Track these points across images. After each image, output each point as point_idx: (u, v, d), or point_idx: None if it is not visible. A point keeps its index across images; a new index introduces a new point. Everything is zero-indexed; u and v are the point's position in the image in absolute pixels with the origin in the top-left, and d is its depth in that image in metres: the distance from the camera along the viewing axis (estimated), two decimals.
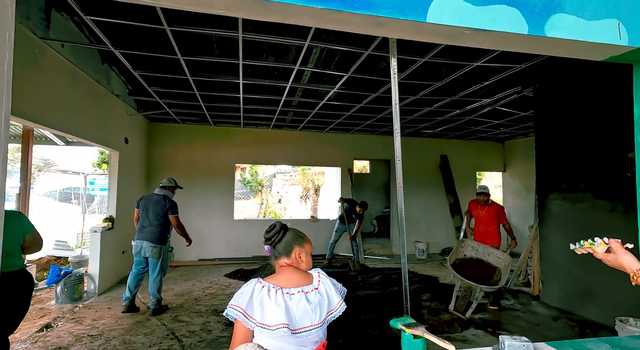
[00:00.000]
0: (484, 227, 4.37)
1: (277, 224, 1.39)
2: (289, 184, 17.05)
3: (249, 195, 14.58)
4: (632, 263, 1.05)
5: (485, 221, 4.37)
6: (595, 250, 1.16)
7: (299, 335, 1.18)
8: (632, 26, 1.34)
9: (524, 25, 1.27)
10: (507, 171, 8.61)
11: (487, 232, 4.33)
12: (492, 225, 4.33)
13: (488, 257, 3.89)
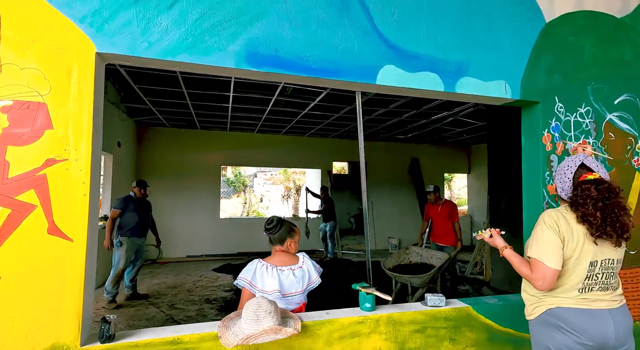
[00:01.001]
0: (439, 226, 4.49)
1: (275, 218, 1.94)
2: (269, 182, 17.51)
3: (230, 194, 14.92)
4: (500, 243, 1.66)
5: (440, 220, 4.49)
6: (483, 235, 1.77)
7: (286, 298, 1.74)
8: (513, 85, 1.98)
9: (442, 85, 1.88)
10: (471, 173, 9.47)
11: (443, 231, 4.45)
12: (446, 223, 4.44)
13: (431, 260, 4.17)
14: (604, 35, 2.18)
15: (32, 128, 1.30)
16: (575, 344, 1.34)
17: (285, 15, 1.63)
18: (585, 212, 1.34)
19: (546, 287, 1.35)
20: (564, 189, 1.47)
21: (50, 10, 1.34)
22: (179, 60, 1.49)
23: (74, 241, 1.33)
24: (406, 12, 1.82)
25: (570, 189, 1.44)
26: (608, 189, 1.35)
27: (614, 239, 1.32)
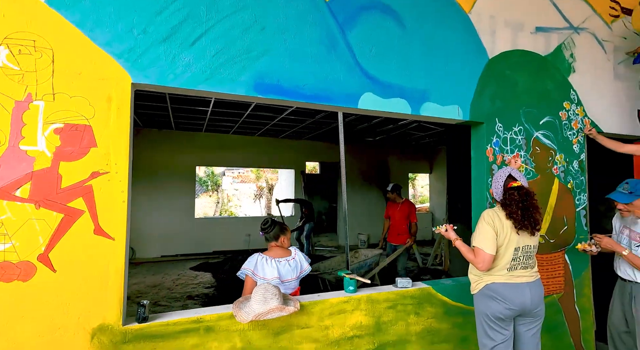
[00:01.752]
0: (396, 226, 4.54)
1: (270, 220, 2.29)
2: (237, 181, 17.51)
3: (198, 193, 14.79)
4: (453, 236, 2.13)
5: (398, 219, 4.54)
6: (440, 230, 2.23)
7: (284, 284, 2.11)
8: (464, 109, 2.48)
9: (409, 109, 2.32)
10: (433, 173, 10.28)
11: (399, 231, 4.52)
12: (403, 223, 4.50)
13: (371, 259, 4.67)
14: (532, 70, 2.75)
15: (80, 146, 1.55)
16: (504, 309, 1.84)
17: (286, 52, 1.99)
18: (511, 211, 1.84)
19: (485, 268, 1.84)
20: (497, 193, 1.97)
21: (93, 47, 1.59)
22: (199, 89, 1.80)
23: (115, 240, 1.61)
24: (381, 50, 2.25)
25: (501, 193, 1.93)
26: (526, 193, 1.86)
27: (529, 230, 1.83)
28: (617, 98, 3.11)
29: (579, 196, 2.87)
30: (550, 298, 2.66)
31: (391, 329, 2.20)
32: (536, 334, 1.96)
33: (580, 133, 2.91)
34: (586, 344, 2.81)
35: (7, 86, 1.45)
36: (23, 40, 1.48)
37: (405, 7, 2.32)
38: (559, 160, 2.81)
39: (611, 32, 3.11)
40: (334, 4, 2.12)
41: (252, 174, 14.55)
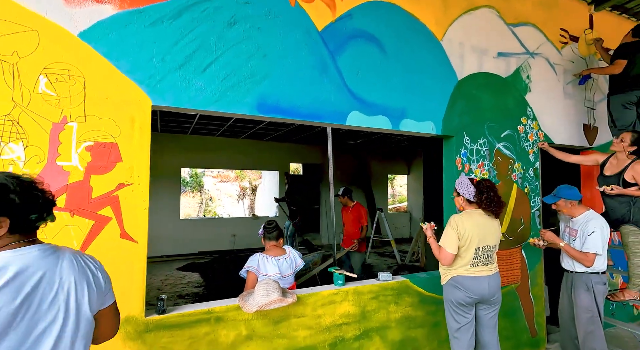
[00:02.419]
0: (347, 230, 4.56)
1: (274, 222, 2.57)
2: (218, 180, 17.50)
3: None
4: (429, 234, 2.48)
5: (349, 223, 4.54)
6: (424, 226, 2.56)
7: (283, 279, 2.40)
8: (437, 124, 2.85)
9: (390, 125, 2.66)
10: (410, 174, 10.81)
11: (350, 234, 4.52)
12: (355, 227, 4.49)
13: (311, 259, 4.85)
14: (495, 90, 3.16)
15: (108, 161, 1.78)
16: (466, 297, 2.21)
17: (284, 76, 2.27)
18: (487, 196, 2.20)
19: (447, 263, 2.21)
20: (470, 193, 2.30)
21: (119, 75, 1.82)
22: (209, 110, 2.05)
23: (138, 243, 1.84)
24: (366, 73, 2.57)
25: (474, 191, 2.28)
26: (490, 184, 2.25)
27: (495, 211, 2.20)
28: (566, 114, 3.60)
29: (534, 199, 3.32)
30: (508, 287, 3.09)
31: (374, 317, 2.53)
32: (493, 317, 2.35)
33: (536, 144, 3.36)
34: (538, 326, 3.27)
35: (46, 110, 1.66)
36: (59, 70, 1.69)
37: (386, 36, 2.66)
38: (517, 168, 3.24)
39: (561, 56, 3.59)
40: (326, 33, 2.42)
41: (232, 173, 14.59)
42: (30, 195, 0.92)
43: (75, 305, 0.97)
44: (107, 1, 1.80)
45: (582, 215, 2.58)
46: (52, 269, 0.94)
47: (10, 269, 0.86)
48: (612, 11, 3.93)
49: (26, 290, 0.87)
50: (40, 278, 0.91)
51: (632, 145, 2.83)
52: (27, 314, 0.87)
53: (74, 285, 0.97)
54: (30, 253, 0.92)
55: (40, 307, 0.90)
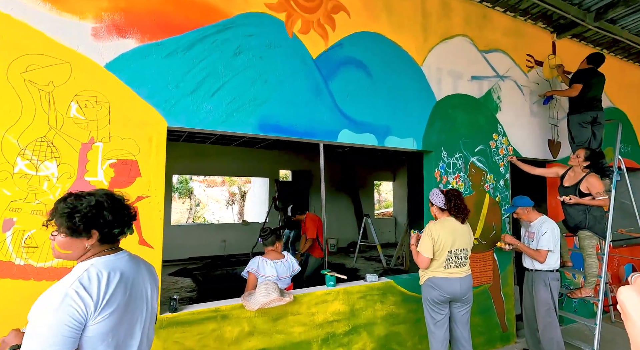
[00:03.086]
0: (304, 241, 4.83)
1: (268, 229, 2.83)
2: (204, 185, 17.53)
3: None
4: (412, 241, 2.79)
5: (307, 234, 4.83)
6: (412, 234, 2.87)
7: (281, 281, 2.65)
8: (417, 140, 3.18)
9: (376, 141, 2.98)
10: (395, 181, 11.21)
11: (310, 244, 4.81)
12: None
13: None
14: (469, 109, 3.53)
15: (129, 176, 2.01)
16: (440, 295, 2.52)
17: (283, 99, 2.55)
18: (454, 203, 2.53)
19: (424, 267, 2.52)
20: (442, 202, 2.63)
21: (139, 100, 2.06)
22: (217, 130, 2.31)
23: (154, 248, 2.08)
24: (355, 95, 2.88)
25: (444, 200, 2.60)
26: (457, 192, 2.58)
27: (465, 214, 2.53)
28: (532, 130, 4.01)
29: (504, 207, 3.70)
30: (482, 287, 3.44)
31: (362, 314, 2.81)
32: (465, 314, 2.66)
33: (506, 158, 3.75)
34: (509, 322, 3.62)
35: (76, 132, 1.89)
36: (88, 97, 1.92)
37: (373, 63, 2.98)
38: (489, 180, 3.61)
39: (527, 79, 4.01)
40: (319, 61, 2.73)
41: (219, 178, 14.67)
42: (119, 213, 1.13)
43: (151, 301, 1.25)
44: (129, 36, 2.05)
45: (537, 220, 2.96)
46: (138, 271, 1.20)
47: (117, 270, 1.12)
48: (572, 38, 4.40)
49: (129, 286, 1.14)
50: (134, 278, 1.17)
51: (586, 160, 3.24)
52: (131, 304, 1.14)
53: (149, 285, 1.25)
54: (124, 258, 1.18)
55: (136, 300, 1.16)
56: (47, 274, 1.80)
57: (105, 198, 1.12)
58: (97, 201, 1.10)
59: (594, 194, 3.16)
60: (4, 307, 1.71)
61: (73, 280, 1.02)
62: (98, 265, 1.10)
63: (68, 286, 1.00)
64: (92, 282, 1.04)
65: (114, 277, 1.10)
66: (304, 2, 2.67)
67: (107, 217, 1.10)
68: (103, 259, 1.12)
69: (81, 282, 1.02)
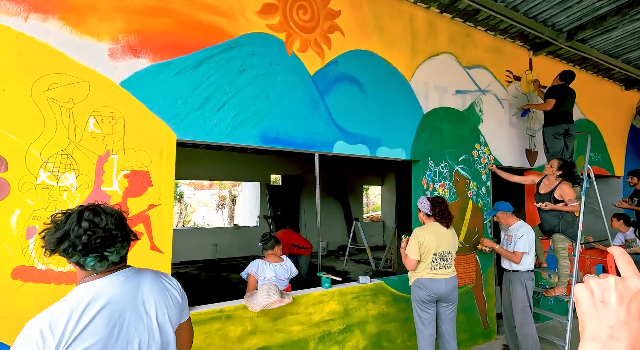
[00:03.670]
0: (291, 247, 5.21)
1: (268, 234, 3.00)
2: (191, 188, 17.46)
3: None
4: (402, 245, 3.00)
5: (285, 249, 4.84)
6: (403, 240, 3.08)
7: (280, 282, 2.82)
8: (406, 150, 3.42)
9: (368, 151, 3.19)
10: (384, 185, 11.50)
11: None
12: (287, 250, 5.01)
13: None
14: (453, 121, 3.80)
15: (141, 186, 2.16)
16: (426, 295, 2.74)
17: (283, 113, 2.74)
18: (439, 209, 2.76)
19: (411, 268, 2.74)
20: (428, 208, 2.86)
21: (151, 115, 2.22)
22: (222, 142, 2.48)
23: (164, 253, 2.22)
24: (349, 109, 3.09)
25: (430, 206, 2.83)
26: (442, 200, 2.81)
27: (450, 220, 2.76)
28: (511, 141, 4.32)
29: (486, 212, 3.97)
30: (465, 287, 3.69)
31: (355, 314, 3.01)
32: (451, 313, 2.88)
33: (487, 166, 4.03)
34: (490, 320, 3.88)
35: (93, 145, 2.03)
36: (104, 112, 2.07)
37: (366, 78, 3.20)
38: (472, 187, 3.88)
39: (507, 93, 4.32)
40: (316, 77, 2.93)
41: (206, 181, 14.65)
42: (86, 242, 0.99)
43: (158, 326, 1.08)
44: (142, 56, 2.20)
45: (515, 225, 3.23)
46: (135, 293, 1.06)
47: (100, 299, 0.99)
48: (548, 55, 4.74)
49: (115, 316, 0.99)
50: (126, 306, 1.03)
51: (559, 170, 3.54)
52: (120, 336, 0.99)
53: (154, 308, 1.08)
54: (117, 281, 1.04)
55: (129, 330, 1.01)
56: (66, 278, 1.93)
57: (73, 223, 1.00)
58: (65, 230, 1.00)
59: (566, 201, 3.45)
60: (28, 309, 1.83)
61: (44, 315, 0.95)
62: (79, 294, 1.00)
63: (37, 323, 0.93)
64: (61, 319, 0.94)
65: (93, 307, 0.97)
66: (302, 22, 2.87)
67: (64, 245, 0.99)
68: (87, 286, 1.02)
69: (50, 319, 0.93)
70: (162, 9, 2.29)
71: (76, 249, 0.98)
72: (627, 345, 0.42)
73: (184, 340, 1.21)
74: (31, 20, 1.90)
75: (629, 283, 0.46)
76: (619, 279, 0.47)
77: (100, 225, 1.02)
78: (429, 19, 3.67)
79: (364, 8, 3.24)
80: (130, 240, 1.11)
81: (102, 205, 1.09)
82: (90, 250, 0.99)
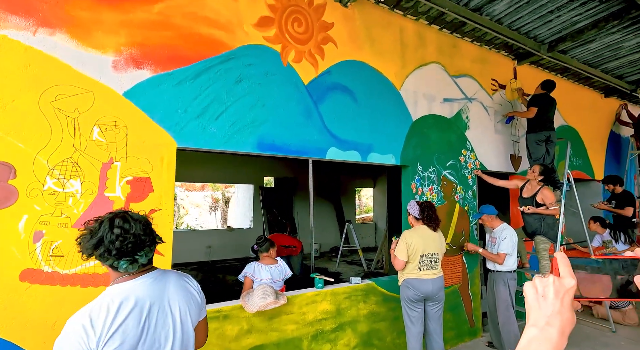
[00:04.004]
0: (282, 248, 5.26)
1: (263, 237, 3.11)
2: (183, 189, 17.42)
3: None
4: (392, 247, 3.14)
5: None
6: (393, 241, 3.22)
7: (275, 283, 2.94)
8: (396, 156, 3.57)
9: (360, 157, 3.33)
10: (376, 187, 11.68)
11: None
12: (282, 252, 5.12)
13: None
14: (441, 128, 3.97)
15: (143, 192, 2.26)
16: (414, 294, 2.89)
17: (278, 121, 2.87)
18: (427, 213, 2.91)
19: (399, 269, 2.88)
20: (416, 212, 3.01)
21: (152, 124, 2.32)
22: (220, 149, 2.59)
23: (165, 256, 2.32)
24: (341, 117, 3.23)
25: (418, 210, 2.99)
26: (430, 204, 2.97)
27: (437, 224, 2.91)
28: (496, 146, 4.51)
29: (472, 215, 4.14)
30: (452, 287, 3.85)
31: (347, 313, 3.14)
32: (438, 311, 3.03)
33: (473, 171, 4.21)
34: (476, 318, 4.05)
35: (97, 153, 2.12)
36: (108, 121, 2.17)
37: (358, 88, 3.35)
38: (459, 191, 4.05)
39: (492, 101, 4.51)
40: (310, 87, 3.06)
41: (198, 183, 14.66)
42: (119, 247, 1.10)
43: (181, 324, 1.19)
44: (144, 67, 2.31)
45: (499, 227, 3.41)
46: (162, 294, 1.17)
47: (131, 299, 1.09)
48: (531, 65, 4.96)
49: (145, 315, 1.10)
50: (153, 305, 1.13)
51: (540, 175, 3.73)
52: (149, 333, 1.10)
53: (178, 307, 1.19)
54: (145, 282, 1.14)
55: (157, 327, 1.12)
56: (71, 280, 2.02)
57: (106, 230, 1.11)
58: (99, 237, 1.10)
59: (547, 204, 3.64)
60: (35, 310, 1.91)
61: (84, 312, 1.05)
62: (112, 294, 1.10)
63: (79, 319, 1.04)
64: (100, 315, 1.04)
65: (126, 306, 1.08)
66: (297, 34, 3.00)
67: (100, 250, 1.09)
68: (119, 287, 1.12)
69: (90, 315, 1.04)
70: (164, 23, 2.39)
71: (111, 254, 1.09)
72: (558, 329, 0.56)
73: (200, 335, 1.33)
74: (39, 34, 2.00)
75: (564, 281, 0.59)
76: (556, 278, 0.60)
77: (131, 231, 1.13)
78: (418, 30, 3.84)
79: (356, 20, 3.39)
80: (156, 243, 1.21)
81: (129, 212, 1.21)
82: (122, 254, 1.10)
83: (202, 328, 1.34)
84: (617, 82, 5.55)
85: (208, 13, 2.57)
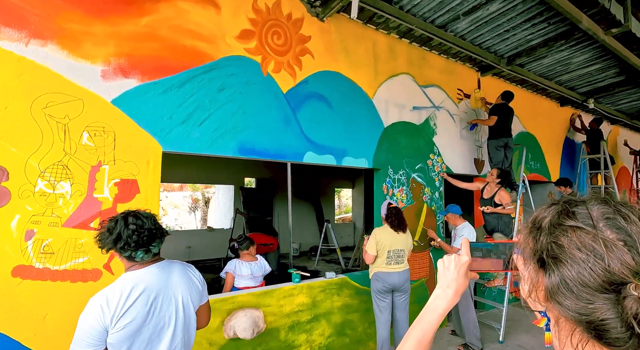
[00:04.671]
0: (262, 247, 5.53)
1: (243, 236, 3.31)
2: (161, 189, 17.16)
3: None
4: (365, 243, 3.41)
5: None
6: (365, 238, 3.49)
7: (255, 279, 3.15)
8: (369, 160, 3.85)
9: (335, 161, 3.59)
10: (355, 188, 12.01)
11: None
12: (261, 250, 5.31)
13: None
14: (410, 134, 4.29)
15: (129, 193, 2.42)
16: (382, 286, 3.17)
17: (258, 127, 3.07)
18: (391, 219, 3.19)
19: (369, 262, 3.17)
20: (385, 213, 3.30)
21: (139, 129, 2.48)
22: (203, 153, 2.77)
23: None
24: (317, 124, 3.47)
25: (386, 210, 3.28)
26: (397, 208, 3.26)
27: (402, 228, 3.21)
28: (462, 151, 4.89)
29: (439, 215, 4.49)
30: (420, 281, 4.17)
31: (322, 305, 3.38)
32: (404, 301, 3.33)
33: (440, 174, 4.56)
34: None
35: (87, 157, 2.27)
36: (97, 127, 2.31)
37: (333, 96, 3.60)
38: (427, 192, 4.39)
39: (458, 109, 4.89)
40: (289, 95, 3.29)
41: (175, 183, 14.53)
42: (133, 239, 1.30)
43: (183, 308, 1.37)
44: (132, 76, 2.46)
45: (461, 225, 3.76)
46: (167, 282, 1.35)
47: (140, 285, 1.29)
48: (493, 76, 5.39)
49: (152, 298, 1.29)
50: (160, 290, 1.32)
51: (498, 178, 4.12)
52: (155, 313, 1.29)
53: (181, 293, 1.37)
54: (154, 271, 1.34)
55: (162, 309, 1.31)
56: (61, 276, 2.15)
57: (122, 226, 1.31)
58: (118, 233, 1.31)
59: (504, 205, 4.03)
60: (27, 304, 2.04)
61: (103, 294, 1.25)
62: (126, 280, 1.29)
63: (98, 299, 1.24)
64: (114, 297, 1.24)
65: (136, 291, 1.26)
66: (276, 46, 3.22)
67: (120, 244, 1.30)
68: (131, 274, 1.31)
69: (107, 297, 1.24)
70: (150, 35, 2.56)
71: (130, 246, 1.30)
72: (454, 290, 0.82)
73: (203, 317, 1.54)
74: (31, 45, 2.12)
75: (461, 258, 0.85)
76: (457, 255, 0.87)
77: (145, 226, 1.35)
78: (389, 43, 4.14)
79: (332, 34, 3.65)
80: (164, 235, 1.43)
81: (139, 210, 1.43)
82: (140, 246, 1.31)
83: (204, 311, 1.53)
84: (570, 93, 6.10)
85: (192, 26, 2.75)
